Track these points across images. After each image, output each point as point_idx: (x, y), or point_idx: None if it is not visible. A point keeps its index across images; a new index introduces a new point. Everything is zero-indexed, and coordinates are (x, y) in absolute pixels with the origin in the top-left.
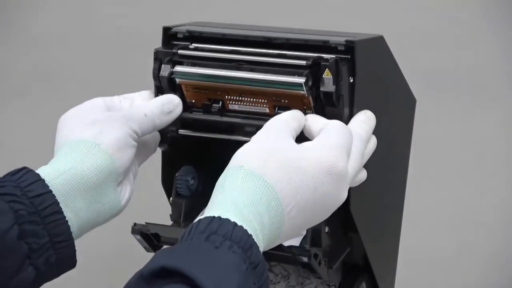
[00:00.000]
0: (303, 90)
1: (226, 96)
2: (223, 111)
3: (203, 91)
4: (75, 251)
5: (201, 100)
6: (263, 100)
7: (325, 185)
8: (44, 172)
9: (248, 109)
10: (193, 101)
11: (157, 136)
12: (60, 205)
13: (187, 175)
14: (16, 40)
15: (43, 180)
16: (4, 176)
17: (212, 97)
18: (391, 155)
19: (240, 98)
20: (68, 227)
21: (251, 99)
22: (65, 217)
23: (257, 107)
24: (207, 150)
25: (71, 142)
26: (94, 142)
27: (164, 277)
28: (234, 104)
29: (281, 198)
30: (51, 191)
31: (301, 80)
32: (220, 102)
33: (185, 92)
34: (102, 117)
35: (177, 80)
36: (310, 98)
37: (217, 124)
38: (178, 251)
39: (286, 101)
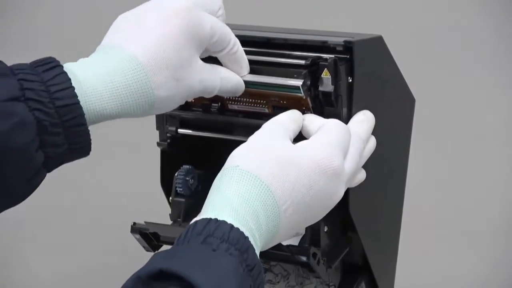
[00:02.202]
0: (301, 93)
1: (225, 97)
2: (223, 110)
3: None
4: (90, 149)
5: (200, 100)
6: (262, 101)
7: (320, 183)
8: (86, 95)
9: (248, 109)
10: (193, 101)
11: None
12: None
13: (187, 174)
14: (16, 40)
15: (73, 88)
16: (35, 67)
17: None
18: (390, 155)
19: (240, 99)
20: (89, 135)
21: (251, 100)
22: (87, 128)
23: (256, 107)
24: (207, 149)
25: (134, 64)
26: (153, 108)
27: (162, 279)
28: (234, 104)
29: (277, 196)
30: (78, 103)
31: (298, 83)
32: (219, 103)
33: None
34: (181, 87)
35: None
36: (308, 99)
37: (216, 124)
38: (175, 254)
39: (285, 102)
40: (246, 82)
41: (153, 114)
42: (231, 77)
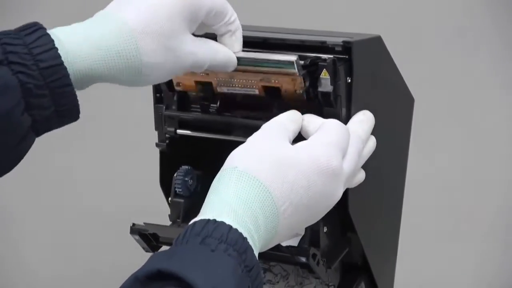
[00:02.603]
0: (294, 69)
1: (215, 78)
2: (221, 110)
3: (191, 72)
4: (79, 112)
5: (189, 82)
6: (252, 81)
7: (319, 183)
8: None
9: (237, 91)
10: (180, 83)
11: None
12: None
13: (186, 175)
14: None
15: (56, 49)
16: (18, 32)
17: (200, 79)
18: (390, 155)
19: (229, 80)
20: (76, 97)
21: (240, 80)
22: (73, 89)
23: (246, 89)
24: (206, 150)
25: (127, 34)
26: (142, 75)
27: (160, 280)
28: (223, 86)
29: (275, 197)
30: (62, 63)
31: (292, 58)
32: (213, 103)
33: (173, 78)
34: (171, 57)
35: None
36: (302, 78)
37: (215, 124)
38: (174, 254)
39: (277, 81)
40: (238, 59)
41: (143, 85)
42: (221, 50)
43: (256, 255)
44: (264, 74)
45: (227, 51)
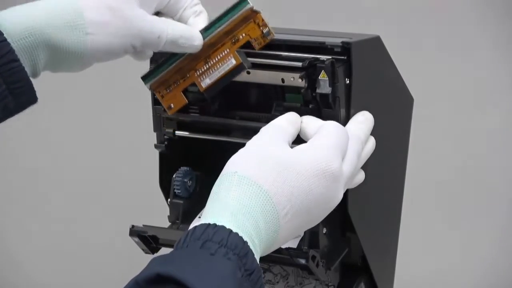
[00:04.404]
0: (248, 3)
1: (195, 74)
2: (219, 112)
3: (174, 84)
4: (34, 92)
5: (177, 95)
6: (225, 51)
7: (319, 186)
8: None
9: (218, 73)
10: (172, 105)
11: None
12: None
13: (185, 176)
14: None
15: None
16: None
17: (183, 84)
18: (389, 155)
19: (207, 64)
20: (25, 73)
21: (213, 57)
22: (21, 64)
23: (223, 64)
24: (205, 151)
25: (79, 13)
26: (87, 33)
27: (159, 284)
28: (206, 77)
29: (276, 202)
30: (5, 40)
31: None
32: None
33: (161, 100)
34: (117, 17)
35: (148, 85)
36: (260, 14)
37: (214, 126)
38: (173, 258)
39: (243, 34)
40: (202, 33)
41: (94, 51)
42: (182, 24)
43: (257, 259)
44: (230, 34)
45: (188, 26)
